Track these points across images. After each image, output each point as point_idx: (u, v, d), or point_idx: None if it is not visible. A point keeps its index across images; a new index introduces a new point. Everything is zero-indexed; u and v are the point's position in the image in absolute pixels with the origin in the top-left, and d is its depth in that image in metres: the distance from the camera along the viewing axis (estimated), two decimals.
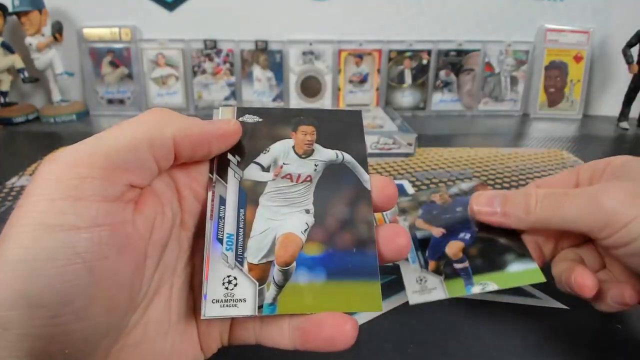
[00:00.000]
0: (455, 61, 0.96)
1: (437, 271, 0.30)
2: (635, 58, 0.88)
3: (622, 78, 0.92)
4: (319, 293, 0.22)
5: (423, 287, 0.29)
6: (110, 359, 0.19)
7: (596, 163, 0.29)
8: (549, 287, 0.36)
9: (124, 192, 0.18)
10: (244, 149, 0.24)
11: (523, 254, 0.30)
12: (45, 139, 0.80)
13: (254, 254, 0.22)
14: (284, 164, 0.24)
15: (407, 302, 0.29)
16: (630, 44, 0.88)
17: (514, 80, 0.98)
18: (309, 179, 0.24)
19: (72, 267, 0.16)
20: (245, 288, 0.21)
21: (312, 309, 0.21)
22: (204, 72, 0.95)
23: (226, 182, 0.23)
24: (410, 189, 0.57)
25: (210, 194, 0.22)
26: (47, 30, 0.89)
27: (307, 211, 0.23)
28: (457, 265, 0.30)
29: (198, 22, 0.93)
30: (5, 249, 0.16)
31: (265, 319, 0.22)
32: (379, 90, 0.97)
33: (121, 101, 0.96)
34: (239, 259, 0.22)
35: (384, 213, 0.44)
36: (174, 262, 0.22)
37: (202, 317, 0.20)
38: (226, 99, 0.96)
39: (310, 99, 0.97)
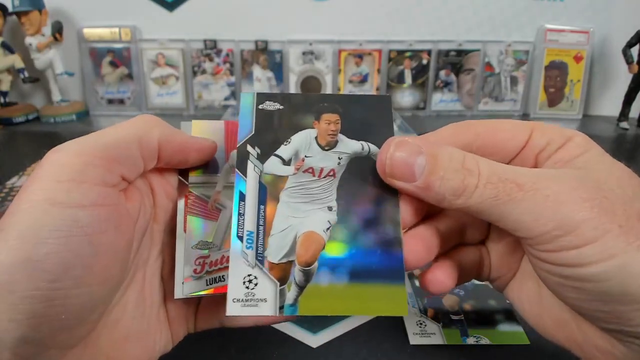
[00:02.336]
0: (455, 61, 0.96)
1: (435, 318, 0.33)
2: (635, 58, 0.88)
3: (622, 78, 0.92)
4: (341, 295, 0.21)
5: (423, 331, 0.31)
6: (95, 332, 0.20)
7: (553, 132, 0.22)
8: None
9: (118, 181, 0.21)
10: (264, 140, 0.23)
11: (509, 312, 0.33)
12: (45, 139, 0.80)
13: (274, 252, 0.21)
14: (305, 156, 0.23)
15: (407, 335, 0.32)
16: (630, 44, 0.88)
17: (514, 80, 0.98)
18: (332, 173, 0.22)
19: (75, 238, 0.18)
20: (266, 288, 0.21)
21: (333, 311, 0.20)
22: (204, 72, 0.95)
23: (245, 176, 0.22)
24: None
25: (180, 193, 0.24)
26: (47, 30, 0.89)
27: (330, 208, 0.22)
28: (454, 317, 0.33)
29: (198, 22, 0.93)
30: (15, 221, 0.17)
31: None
32: (379, 90, 0.97)
33: (121, 101, 0.96)
34: (260, 257, 0.21)
35: None
36: (147, 252, 0.24)
37: (226, 314, 0.20)
38: (226, 99, 0.96)
39: None
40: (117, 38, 0.93)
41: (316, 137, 0.23)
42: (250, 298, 0.21)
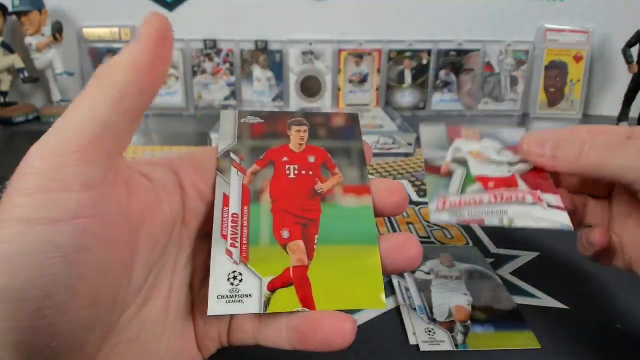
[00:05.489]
0: (455, 61, 0.96)
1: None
2: (635, 58, 0.88)
3: (622, 78, 0.92)
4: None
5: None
6: (102, 354, 0.18)
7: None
8: (549, 287, 0.36)
9: (105, 172, 0.17)
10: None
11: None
12: None
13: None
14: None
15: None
16: (630, 44, 0.88)
17: (514, 80, 0.98)
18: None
19: (51, 261, 0.15)
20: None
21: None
22: (204, 72, 0.95)
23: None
24: (410, 190, 0.57)
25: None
26: (47, 30, 0.89)
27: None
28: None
29: (198, 22, 0.93)
30: None
31: (264, 319, 0.22)
32: (379, 90, 0.97)
33: None
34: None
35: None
36: (173, 261, 0.21)
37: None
38: (226, 99, 0.96)
39: (310, 99, 0.97)
40: (117, 38, 0.93)
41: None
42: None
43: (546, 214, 0.27)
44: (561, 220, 0.26)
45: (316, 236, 0.23)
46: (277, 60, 0.95)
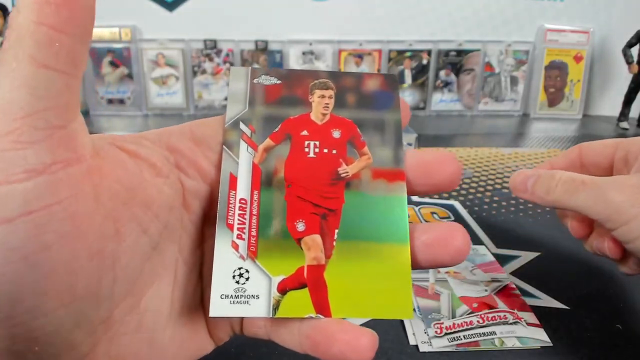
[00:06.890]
0: (455, 61, 0.96)
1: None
2: (635, 58, 0.88)
3: (622, 78, 0.92)
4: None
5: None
6: (101, 348, 0.17)
7: (634, 142, 0.30)
8: (549, 287, 0.36)
9: (51, 149, 0.14)
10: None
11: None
12: None
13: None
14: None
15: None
16: (630, 44, 0.88)
17: (514, 80, 0.98)
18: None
19: (11, 265, 0.14)
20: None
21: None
22: (204, 72, 0.95)
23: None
24: None
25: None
26: None
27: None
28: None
29: (198, 22, 0.94)
30: None
31: (275, 319, 0.20)
32: None
33: (121, 101, 0.96)
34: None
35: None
36: (175, 247, 0.19)
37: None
38: (226, 98, 0.96)
39: None
40: (117, 38, 0.93)
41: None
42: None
43: (527, 332, 0.31)
44: (540, 337, 0.31)
45: (336, 230, 0.20)
46: (277, 60, 0.95)
